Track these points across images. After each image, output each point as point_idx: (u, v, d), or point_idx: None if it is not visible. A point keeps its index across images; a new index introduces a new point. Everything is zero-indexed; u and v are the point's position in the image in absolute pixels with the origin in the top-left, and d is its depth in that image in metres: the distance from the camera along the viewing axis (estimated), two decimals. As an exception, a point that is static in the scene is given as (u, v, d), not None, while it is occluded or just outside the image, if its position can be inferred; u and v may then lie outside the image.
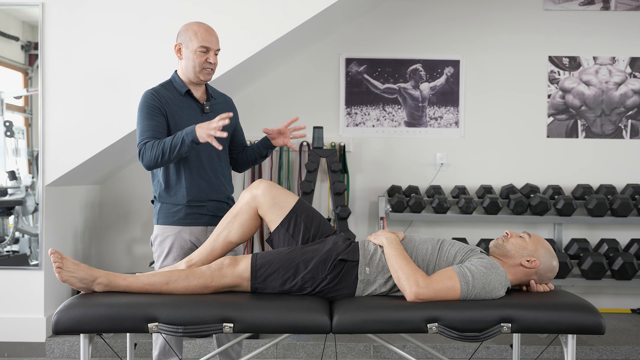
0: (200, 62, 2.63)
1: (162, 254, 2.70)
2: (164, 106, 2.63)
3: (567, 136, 4.86)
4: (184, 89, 2.68)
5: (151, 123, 2.61)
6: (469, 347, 3.82)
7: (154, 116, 2.62)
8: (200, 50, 2.62)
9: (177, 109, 2.66)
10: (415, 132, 4.85)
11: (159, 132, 2.60)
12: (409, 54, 4.84)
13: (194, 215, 2.68)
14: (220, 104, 2.81)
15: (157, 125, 2.61)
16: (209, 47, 2.64)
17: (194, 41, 2.63)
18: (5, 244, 3.95)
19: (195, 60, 2.63)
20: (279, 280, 2.25)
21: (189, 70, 2.66)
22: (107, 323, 2.06)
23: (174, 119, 2.65)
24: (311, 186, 4.43)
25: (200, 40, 2.62)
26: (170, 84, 2.72)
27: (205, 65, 2.64)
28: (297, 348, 3.83)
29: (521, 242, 2.31)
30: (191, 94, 2.70)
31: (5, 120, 3.95)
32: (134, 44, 3.72)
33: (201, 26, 2.66)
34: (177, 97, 2.68)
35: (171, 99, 2.67)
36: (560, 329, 2.08)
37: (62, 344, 3.82)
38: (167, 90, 2.69)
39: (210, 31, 2.66)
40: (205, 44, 2.62)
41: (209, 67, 2.65)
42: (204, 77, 2.67)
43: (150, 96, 2.65)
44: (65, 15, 3.71)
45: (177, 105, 2.67)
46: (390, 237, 2.30)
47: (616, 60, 4.83)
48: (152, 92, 2.67)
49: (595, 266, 4.28)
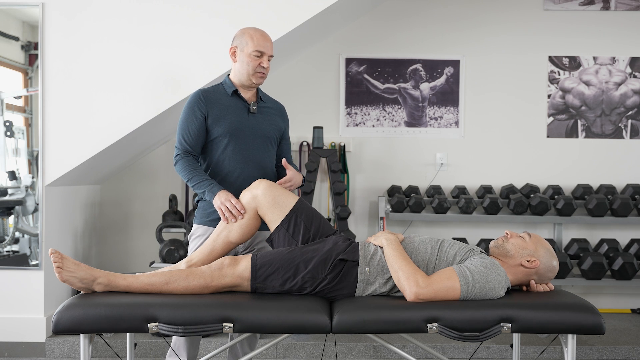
0: (254, 66, 2.66)
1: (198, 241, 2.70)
2: (207, 107, 2.66)
3: (567, 136, 4.86)
4: (231, 90, 2.71)
5: (190, 127, 2.65)
6: (469, 347, 3.82)
7: (193, 119, 2.65)
8: (254, 55, 2.66)
9: (222, 108, 2.68)
10: (415, 132, 4.85)
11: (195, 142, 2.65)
12: (409, 54, 4.84)
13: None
14: (271, 108, 2.81)
15: (194, 131, 2.65)
16: (264, 52, 2.67)
17: (249, 45, 2.66)
18: (5, 244, 3.95)
19: (250, 63, 2.66)
20: (279, 280, 2.25)
21: (242, 73, 2.69)
22: (107, 323, 2.06)
23: (217, 118, 2.66)
24: (311, 186, 4.43)
25: (255, 45, 2.66)
26: (221, 85, 2.76)
27: (258, 69, 2.67)
28: (297, 348, 3.84)
29: (521, 242, 2.31)
30: (239, 94, 2.72)
31: (5, 120, 3.95)
32: (132, 48, 3.72)
33: (257, 31, 2.70)
34: (224, 97, 2.71)
35: (217, 99, 2.69)
36: (560, 329, 2.08)
37: (62, 344, 3.82)
38: (215, 90, 2.73)
39: (265, 37, 2.70)
40: (260, 48, 2.66)
41: (261, 71, 2.68)
42: (257, 81, 2.69)
43: (195, 97, 2.69)
44: (65, 16, 3.71)
45: (223, 104, 2.69)
46: (390, 238, 2.30)
47: (616, 60, 4.83)
48: (199, 92, 2.71)
49: (595, 266, 4.28)
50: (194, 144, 2.66)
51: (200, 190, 2.58)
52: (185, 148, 2.65)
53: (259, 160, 2.71)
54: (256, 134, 2.71)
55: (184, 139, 2.65)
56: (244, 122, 2.69)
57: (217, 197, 2.50)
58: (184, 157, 2.65)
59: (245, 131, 2.68)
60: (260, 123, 2.73)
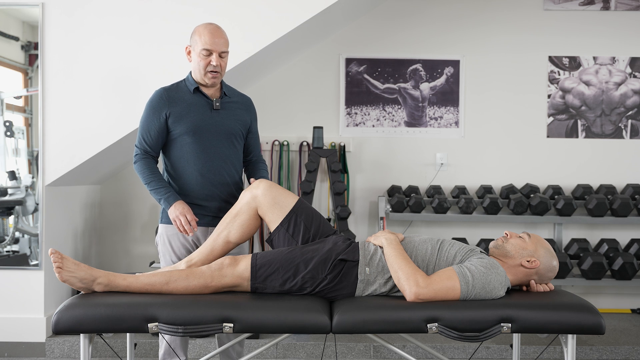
0: (204, 65, 2.61)
1: (165, 253, 2.73)
2: (168, 106, 2.64)
3: (567, 136, 4.86)
4: (193, 87, 2.68)
5: (150, 127, 2.65)
6: (469, 347, 3.82)
7: (154, 120, 2.65)
8: (203, 53, 2.60)
9: (184, 106, 2.66)
10: (415, 132, 4.85)
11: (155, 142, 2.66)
12: (409, 54, 4.84)
13: (197, 216, 2.68)
14: (236, 102, 2.77)
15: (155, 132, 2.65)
16: (212, 50, 2.59)
17: (198, 43, 2.61)
18: (5, 244, 3.95)
19: (200, 62, 2.62)
20: (279, 280, 2.25)
21: (196, 73, 2.66)
22: (107, 323, 2.06)
23: (179, 116, 2.64)
24: (311, 186, 4.43)
25: (203, 43, 2.60)
26: (183, 82, 2.72)
27: (208, 67, 2.61)
28: (297, 348, 3.84)
29: (521, 243, 2.31)
30: (201, 91, 2.69)
31: (5, 120, 3.95)
32: (133, 46, 3.72)
33: (207, 28, 2.62)
34: (186, 94, 2.68)
35: (179, 97, 2.67)
36: (560, 329, 2.08)
37: (62, 344, 3.82)
38: (177, 87, 2.70)
39: (215, 33, 2.61)
40: (207, 46, 2.59)
41: (212, 69, 2.61)
42: (209, 81, 2.65)
43: (157, 95, 2.67)
44: (65, 16, 3.71)
45: (185, 102, 2.66)
46: (390, 238, 2.30)
47: (616, 60, 4.83)
48: (161, 90, 2.69)
49: (595, 266, 4.28)
50: (153, 145, 2.66)
51: (156, 196, 2.60)
52: (145, 148, 2.65)
53: (224, 157, 2.71)
54: (220, 131, 2.68)
55: (144, 139, 2.65)
56: (206, 119, 2.66)
57: (174, 209, 2.54)
58: (143, 157, 2.65)
59: (208, 129, 2.66)
60: (224, 119, 2.70)
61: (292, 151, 4.81)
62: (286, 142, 4.76)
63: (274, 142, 4.75)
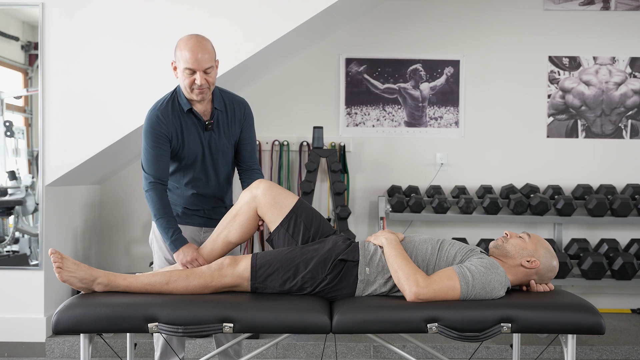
0: (189, 84, 2.47)
1: (159, 251, 2.72)
2: (169, 130, 2.53)
3: (567, 136, 4.86)
4: (186, 107, 2.55)
5: (156, 154, 2.51)
6: (469, 347, 3.82)
7: (158, 146, 2.52)
8: (186, 73, 2.46)
9: (179, 131, 2.55)
10: (415, 132, 4.85)
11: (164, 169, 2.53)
12: (409, 54, 4.84)
13: (190, 216, 2.69)
14: (227, 115, 2.63)
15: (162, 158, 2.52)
16: (194, 69, 2.44)
17: (180, 62, 2.46)
18: (5, 244, 3.95)
19: (185, 81, 2.48)
20: (279, 280, 2.25)
21: (184, 90, 2.53)
22: (107, 323, 2.06)
23: (180, 140, 2.57)
24: (311, 186, 4.43)
25: (185, 62, 2.44)
26: (175, 99, 2.58)
27: (194, 86, 2.47)
28: (297, 348, 3.83)
29: (521, 243, 2.31)
30: (194, 111, 2.56)
31: (5, 120, 3.95)
32: (133, 46, 3.72)
33: (188, 44, 2.45)
34: (179, 115, 2.56)
35: (176, 119, 2.55)
36: (560, 329, 2.08)
37: (62, 344, 3.82)
38: (171, 107, 2.56)
39: (195, 50, 2.43)
40: (189, 65, 2.43)
41: (197, 88, 2.47)
42: (197, 97, 2.50)
43: (156, 121, 2.52)
44: (65, 16, 3.71)
45: (182, 124, 2.56)
46: (390, 238, 2.30)
47: (616, 60, 4.83)
48: (158, 115, 2.53)
49: (595, 266, 4.28)
50: (162, 175, 2.52)
51: (164, 235, 2.47)
52: (155, 178, 2.52)
53: (218, 175, 2.67)
54: (214, 151, 2.61)
55: (156, 169, 2.51)
56: (201, 143, 2.58)
57: (182, 253, 2.43)
58: (154, 187, 2.51)
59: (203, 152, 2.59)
60: (218, 140, 2.61)
61: (292, 151, 4.81)
62: (286, 142, 4.76)
63: (274, 142, 4.75)
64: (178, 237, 2.47)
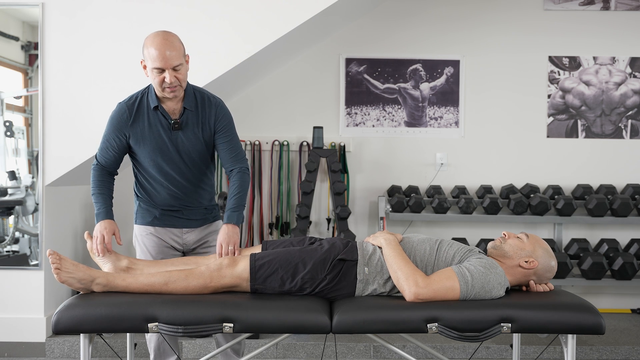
0: (158, 82, 2.43)
1: (141, 254, 2.74)
2: (129, 125, 2.53)
3: (567, 136, 4.85)
4: (153, 104, 2.52)
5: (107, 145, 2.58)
6: (469, 347, 3.82)
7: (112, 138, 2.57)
8: (155, 72, 2.42)
9: (143, 127, 2.54)
10: (415, 132, 4.84)
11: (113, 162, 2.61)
12: (409, 54, 4.84)
13: (170, 218, 2.69)
14: (197, 115, 2.56)
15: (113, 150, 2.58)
16: (163, 68, 2.39)
17: (148, 61, 2.42)
18: (5, 244, 3.95)
19: (154, 79, 2.44)
20: (278, 281, 2.25)
21: (155, 88, 2.50)
22: (107, 323, 2.06)
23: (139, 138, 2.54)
24: (311, 186, 4.43)
25: (153, 61, 2.40)
26: (145, 96, 2.56)
27: (164, 84, 2.43)
28: (297, 348, 3.83)
29: (519, 243, 2.30)
30: (161, 109, 2.53)
31: (5, 120, 3.95)
32: (132, 48, 3.72)
33: (154, 42, 2.40)
34: (146, 112, 2.54)
35: (139, 115, 2.54)
36: (560, 329, 2.08)
37: (62, 344, 3.82)
38: (139, 103, 2.55)
39: (163, 46, 2.38)
40: (157, 64, 2.39)
41: (168, 86, 2.43)
42: (170, 95, 2.47)
43: (119, 114, 2.55)
44: (65, 16, 3.71)
45: (145, 122, 2.54)
46: (388, 238, 2.30)
47: (616, 60, 4.83)
48: (123, 107, 2.55)
49: (595, 266, 4.27)
50: (110, 163, 2.61)
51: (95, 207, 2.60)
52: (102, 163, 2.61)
53: (188, 178, 2.63)
54: (180, 152, 2.57)
55: (103, 155, 2.59)
56: (166, 142, 2.55)
57: (98, 225, 2.51)
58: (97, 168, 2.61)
59: (168, 153, 2.56)
60: (184, 141, 2.56)
61: (292, 151, 4.81)
62: (286, 142, 4.76)
63: (274, 142, 4.75)
64: (101, 212, 2.55)
